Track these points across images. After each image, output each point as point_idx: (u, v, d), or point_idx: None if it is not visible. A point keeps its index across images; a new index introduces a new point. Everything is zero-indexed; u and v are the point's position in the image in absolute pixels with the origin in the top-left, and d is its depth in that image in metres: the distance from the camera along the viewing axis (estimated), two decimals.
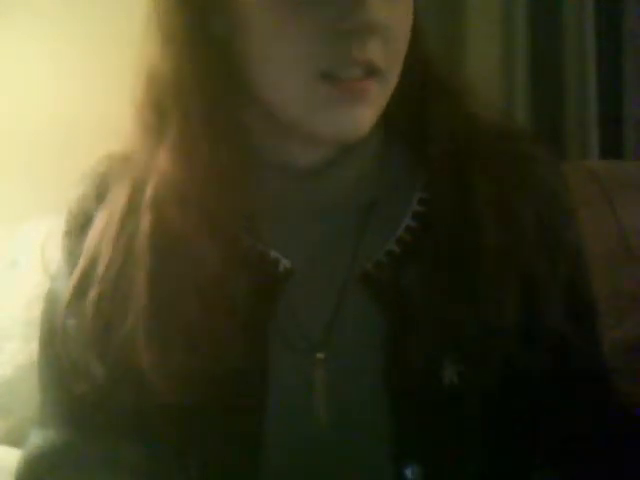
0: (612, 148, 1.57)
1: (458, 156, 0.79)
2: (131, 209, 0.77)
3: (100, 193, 0.82)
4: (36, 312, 0.88)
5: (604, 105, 1.55)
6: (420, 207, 0.79)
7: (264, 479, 0.74)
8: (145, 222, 0.76)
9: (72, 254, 0.81)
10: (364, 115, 0.73)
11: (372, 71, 0.72)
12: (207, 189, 0.75)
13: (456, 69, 1.48)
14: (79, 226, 0.82)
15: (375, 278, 0.77)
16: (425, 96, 0.81)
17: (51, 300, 0.83)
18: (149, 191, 0.76)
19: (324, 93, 0.72)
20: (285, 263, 0.77)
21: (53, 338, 0.82)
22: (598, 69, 1.53)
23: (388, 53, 0.73)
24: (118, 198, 0.79)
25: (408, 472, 0.73)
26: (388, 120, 0.80)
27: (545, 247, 0.79)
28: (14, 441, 1.12)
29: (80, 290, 0.78)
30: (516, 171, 0.80)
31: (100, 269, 0.77)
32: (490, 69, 1.53)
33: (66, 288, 0.80)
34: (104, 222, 0.79)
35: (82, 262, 0.79)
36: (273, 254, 0.77)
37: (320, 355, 0.75)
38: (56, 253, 0.83)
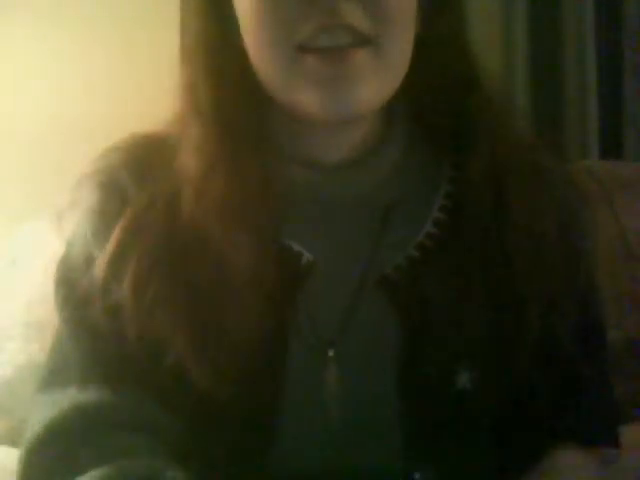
0: (612, 148, 1.57)
1: (493, 168, 0.78)
2: (172, 202, 0.77)
3: (134, 170, 0.80)
4: (36, 313, 0.88)
5: (604, 105, 1.55)
6: (442, 214, 0.78)
7: (276, 474, 0.74)
8: (181, 224, 0.75)
9: (108, 220, 0.78)
10: (354, 91, 0.71)
11: (361, 40, 0.70)
12: (228, 187, 0.75)
13: None
14: (113, 196, 0.79)
15: (393, 281, 0.76)
16: (467, 105, 0.79)
17: (75, 262, 0.79)
18: (184, 196, 0.76)
19: (308, 69, 0.70)
20: (308, 256, 0.76)
21: (85, 300, 0.77)
22: (598, 69, 1.54)
23: (374, 20, 0.70)
24: (161, 186, 0.78)
25: (417, 475, 0.73)
26: (420, 120, 0.80)
27: (565, 263, 0.78)
28: (14, 441, 1.12)
29: (117, 264, 0.76)
30: (542, 185, 0.80)
31: (141, 256, 0.75)
32: (490, 70, 1.52)
33: (99, 251, 0.77)
34: (146, 205, 0.77)
35: (119, 237, 0.76)
36: (296, 247, 0.77)
37: (331, 352, 0.75)
38: (80, 218, 0.80)
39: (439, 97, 0.79)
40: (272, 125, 0.78)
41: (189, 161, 0.77)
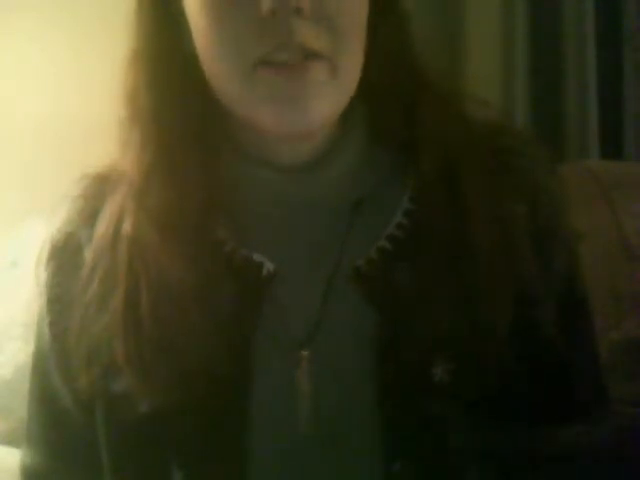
0: (612, 148, 1.57)
1: (447, 157, 0.79)
2: (120, 223, 0.79)
3: (87, 216, 0.83)
4: (36, 313, 0.89)
5: (604, 105, 1.55)
6: (411, 205, 0.79)
7: None
8: (124, 233, 0.77)
9: (54, 291, 0.83)
10: (311, 106, 0.72)
11: (315, 56, 0.72)
12: (166, 198, 0.76)
13: (456, 69, 1.49)
14: (64, 256, 0.83)
15: (366, 274, 0.77)
16: (414, 98, 0.81)
17: (38, 325, 0.86)
18: (129, 203, 0.78)
19: (265, 81, 0.72)
20: (268, 266, 0.77)
21: (40, 360, 0.86)
22: (598, 69, 1.53)
23: (328, 37, 0.72)
24: (111, 212, 0.81)
25: (395, 469, 0.73)
26: (375, 120, 0.81)
27: (536, 243, 0.79)
28: (14, 441, 1.12)
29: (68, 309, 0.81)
30: (503, 167, 0.81)
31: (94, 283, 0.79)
32: (490, 69, 1.53)
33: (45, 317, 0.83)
34: (100, 239, 0.80)
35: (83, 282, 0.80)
36: (257, 257, 0.77)
37: (305, 352, 0.75)
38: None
39: (388, 100, 0.80)
40: (232, 129, 0.79)
41: (129, 170, 0.78)
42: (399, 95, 0.80)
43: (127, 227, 0.77)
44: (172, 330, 0.74)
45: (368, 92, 0.79)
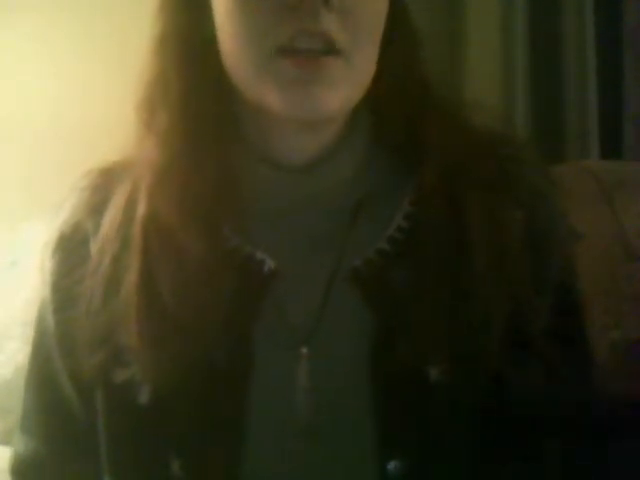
0: (612, 148, 1.57)
1: (448, 163, 0.80)
2: (131, 205, 0.80)
3: (94, 207, 0.83)
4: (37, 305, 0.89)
5: (604, 105, 1.55)
6: (411, 208, 0.80)
7: (246, 475, 0.75)
8: (140, 212, 0.79)
9: (59, 280, 0.83)
10: (324, 95, 0.73)
11: (332, 49, 0.73)
12: (190, 181, 0.77)
13: (456, 69, 1.49)
14: (70, 246, 0.83)
15: (364, 275, 0.78)
16: (419, 108, 0.82)
17: (39, 313, 0.87)
18: (145, 183, 0.79)
19: (282, 70, 0.73)
20: (270, 264, 0.78)
21: (41, 347, 0.86)
22: (598, 69, 1.53)
23: (349, 32, 0.73)
24: (120, 198, 0.82)
25: (391, 467, 0.74)
26: (379, 127, 0.83)
27: (533, 248, 0.80)
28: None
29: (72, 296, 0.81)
30: (502, 175, 0.82)
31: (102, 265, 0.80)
32: (490, 69, 1.53)
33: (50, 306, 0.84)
34: (108, 223, 0.81)
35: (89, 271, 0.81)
36: (259, 255, 0.78)
37: (304, 350, 0.76)
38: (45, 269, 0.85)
39: (393, 109, 0.82)
40: (242, 124, 0.80)
41: (153, 149, 0.79)
42: (404, 105, 0.82)
43: (142, 208, 0.78)
44: (183, 310, 0.75)
45: (375, 100, 0.80)
